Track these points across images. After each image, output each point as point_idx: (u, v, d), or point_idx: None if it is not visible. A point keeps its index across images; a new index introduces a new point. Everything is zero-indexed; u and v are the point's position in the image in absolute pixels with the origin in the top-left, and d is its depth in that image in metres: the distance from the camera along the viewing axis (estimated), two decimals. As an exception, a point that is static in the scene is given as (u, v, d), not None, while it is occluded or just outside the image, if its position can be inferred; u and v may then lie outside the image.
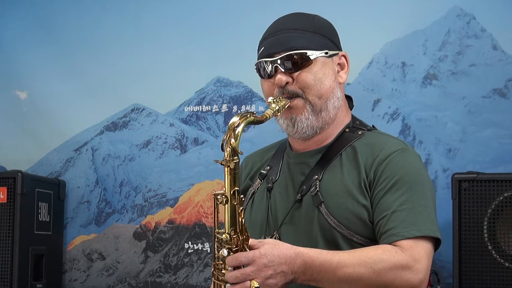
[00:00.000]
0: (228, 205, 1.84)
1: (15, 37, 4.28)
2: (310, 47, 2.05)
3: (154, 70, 4.06)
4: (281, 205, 2.10)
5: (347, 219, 1.99)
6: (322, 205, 2.01)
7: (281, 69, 2.05)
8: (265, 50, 2.10)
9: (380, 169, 2.00)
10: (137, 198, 4.07)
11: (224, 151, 1.86)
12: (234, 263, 1.81)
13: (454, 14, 3.57)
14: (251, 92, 3.92)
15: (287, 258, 1.81)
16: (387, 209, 1.96)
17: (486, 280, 2.95)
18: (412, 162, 2.04)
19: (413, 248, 1.91)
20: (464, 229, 3.00)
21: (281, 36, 2.07)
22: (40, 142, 4.24)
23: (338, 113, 2.11)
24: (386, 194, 1.97)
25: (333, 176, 2.05)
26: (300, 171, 2.11)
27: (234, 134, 1.87)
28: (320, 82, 2.05)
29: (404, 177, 1.98)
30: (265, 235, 2.09)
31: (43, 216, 3.83)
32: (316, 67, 2.05)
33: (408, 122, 3.61)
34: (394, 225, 1.93)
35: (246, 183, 2.23)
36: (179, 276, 3.93)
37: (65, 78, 4.19)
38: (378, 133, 2.16)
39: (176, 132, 4.07)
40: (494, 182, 2.99)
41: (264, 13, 3.80)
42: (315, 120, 2.06)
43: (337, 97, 2.09)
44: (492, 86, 3.50)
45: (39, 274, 3.77)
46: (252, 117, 1.92)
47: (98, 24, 4.17)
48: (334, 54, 2.10)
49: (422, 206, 1.97)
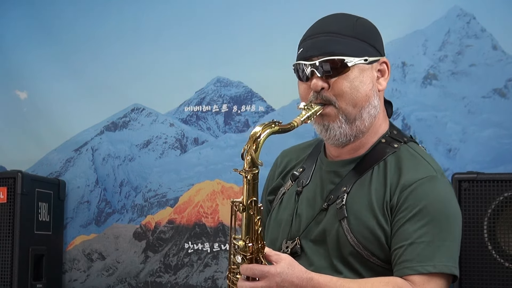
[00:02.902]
0: (245, 213, 1.84)
1: (15, 37, 4.28)
2: (349, 53, 1.99)
3: (154, 70, 4.06)
4: (307, 211, 2.08)
5: (366, 238, 1.96)
6: (344, 220, 1.98)
7: (318, 74, 1.99)
8: (303, 52, 2.03)
9: (403, 196, 1.95)
10: (137, 198, 4.07)
11: (244, 161, 1.84)
12: (248, 273, 1.82)
13: (454, 14, 3.57)
14: (251, 92, 3.92)
15: (299, 282, 1.81)
16: (405, 239, 1.91)
17: (486, 280, 2.95)
18: (439, 192, 1.97)
19: (425, 284, 1.88)
20: (464, 229, 2.99)
21: (320, 39, 2.01)
22: (40, 142, 4.24)
23: (373, 121, 2.06)
24: (406, 223, 1.92)
25: (361, 191, 2.01)
26: (330, 180, 2.08)
27: (255, 144, 1.84)
28: (356, 90, 2.00)
29: (427, 207, 1.93)
30: (287, 240, 2.08)
31: (43, 216, 3.83)
32: (353, 74, 1.99)
33: (408, 122, 3.61)
34: (410, 258, 1.89)
35: (277, 182, 2.22)
36: (179, 276, 3.93)
37: (65, 78, 4.19)
38: (412, 150, 2.08)
39: (176, 132, 4.07)
40: (494, 182, 2.98)
41: (264, 13, 3.80)
42: (349, 129, 2.02)
43: (374, 106, 2.04)
44: (492, 86, 3.50)
45: (39, 274, 3.77)
46: (277, 127, 1.88)
47: (98, 24, 4.17)
48: (375, 60, 2.04)
49: (441, 240, 1.91)
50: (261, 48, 3.80)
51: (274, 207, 2.19)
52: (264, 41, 3.80)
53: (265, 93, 3.88)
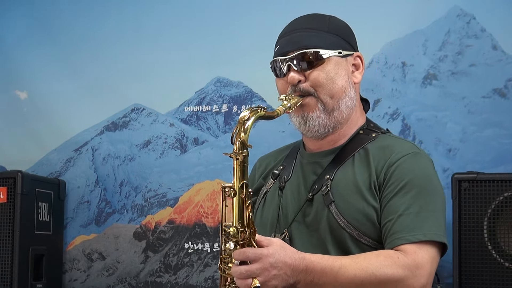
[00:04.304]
0: (236, 198, 1.85)
1: (15, 37, 4.28)
2: (323, 46, 2.05)
3: (154, 70, 4.06)
4: (293, 203, 2.11)
5: (357, 219, 1.99)
6: (332, 204, 2.02)
7: (294, 67, 2.05)
8: (279, 49, 2.10)
9: (390, 172, 2.00)
10: (137, 198, 4.07)
11: (234, 144, 1.88)
12: (241, 257, 1.82)
13: (454, 14, 3.57)
14: (251, 92, 3.92)
15: (292, 262, 1.82)
16: (393, 212, 1.96)
17: (486, 280, 2.95)
18: (423, 166, 2.03)
19: (416, 252, 1.91)
20: (464, 229, 3.00)
21: (295, 35, 2.08)
22: (40, 142, 4.24)
23: (351, 114, 2.12)
24: (394, 197, 1.97)
25: (345, 176, 2.05)
26: (313, 171, 2.12)
27: (243, 127, 1.88)
28: (332, 81, 2.06)
29: (413, 181, 1.98)
30: (275, 233, 2.10)
31: (43, 216, 3.83)
32: (329, 66, 2.05)
33: (408, 122, 3.61)
34: (399, 229, 1.93)
35: (259, 183, 2.24)
36: (179, 276, 3.93)
37: (65, 78, 4.19)
38: (391, 136, 2.16)
39: (176, 132, 4.07)
40: (494, 182, 2.98)
41: (264, 13, 3.80)
42: (327, 119, 2.07)
43: (350, 97, 2.10)
44: (492, 86, 3.50)
45: (39, 274, 3.77)
46: (263, 111, 1.93)
47: (98, 24, 4.17)
48: (349, 54, 2.10)
49: (429, 210, 1.96)
50: (261, 48, 3.79)
51: (257, 207, 2.20)
52: (264, 41, 3.77)
53: (265, 93, 3.88)
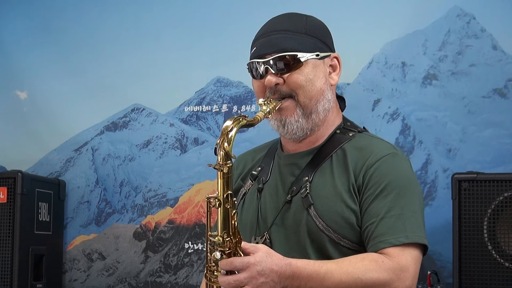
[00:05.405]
0: (221, 208, 1.85)
1: (15, 37, 4.28)
2: (301, 49, 2.04)
3: (154, 70, 4.06)
4: (271, 206, 2.11)
5: (336, 222, 1.99)
6: (311, 207, 2.02)
7: (272, 70, 2.05)
8: (256, 50, 2.09)
9: (368, 174, 2.00)
10: (137, 198, 4.07)
11: (218, 155, 1.87)
12: (228, 267, 1.81)
13: (454, 14, 3.57)
14: (251, 92, 3.92)
15: (278, 268, 1.83)
16: (375, 215, 1.96)
17: (486, 280, 2.95)
18: (401, 167, 2.04)
19: (400, 255, 1.92)
20: (464, 229, 3.00)
21: (272, 37, 2.07)
22: (40, 142, 4.24)
23: (328, 115, 2.12)
24: (375, 200, 1.98)
25: (323, 178, 2.05)
26: (290, 172, 2.12)
27: (227, 138, 1.88)
28: (311, 83, 2.05)
29: (392, 183, 1.99)
30: (255, 236, 2.10)
31: (43, 216, 3.84)
32: (307, 69, 2.05)
33: (408, 122, 3.61)
34: (382, 232, 1.94)
35: (237, 184, 2.23)
36: (179, 276, 3.93)
37: (65, 78, 4.20)
38: (368, 135, 2.16)
39: (176, 132, 4.08)
40: (494, 182, 2.98)
41: (265, 13, 3.76)
42: (305, 122, 2.07)
43: (328, 99, 2.09)
44: (492, 86, 3.50)
45: (39, 274, 3.77)
46: (244, 120, 1.93)
47: (98, 24, 4.17)
48: (326, 56, 2.10)
49: (410, 212, 1.97)
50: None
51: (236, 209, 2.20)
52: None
53: (265, 93, 3.88)
